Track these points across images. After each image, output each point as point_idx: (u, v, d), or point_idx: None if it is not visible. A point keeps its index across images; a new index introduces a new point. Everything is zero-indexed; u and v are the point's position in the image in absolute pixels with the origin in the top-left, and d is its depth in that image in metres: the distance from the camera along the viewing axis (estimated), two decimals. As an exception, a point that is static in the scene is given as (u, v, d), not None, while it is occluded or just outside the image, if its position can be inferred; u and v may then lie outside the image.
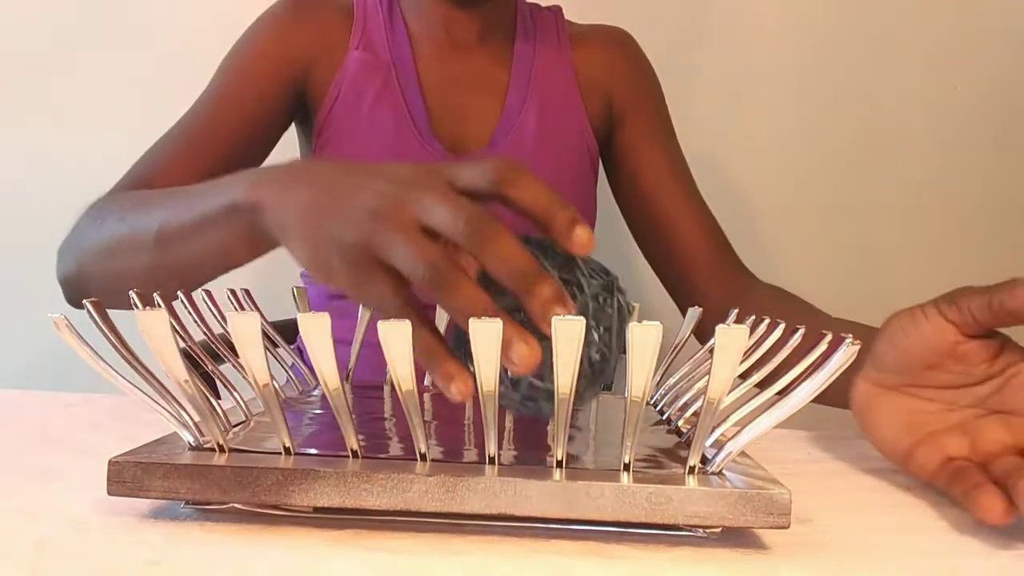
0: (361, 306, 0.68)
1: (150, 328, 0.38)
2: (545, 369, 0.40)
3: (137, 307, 0.46)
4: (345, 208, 0.43)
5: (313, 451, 0.42)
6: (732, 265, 0.91)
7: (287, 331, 0.98)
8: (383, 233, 0.40)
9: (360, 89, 0.85)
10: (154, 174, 0.79)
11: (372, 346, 0.63)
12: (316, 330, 0.38)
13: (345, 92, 0.86)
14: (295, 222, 0.46)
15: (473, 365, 0.37)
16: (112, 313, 0.42)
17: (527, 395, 0.43)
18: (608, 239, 1.03)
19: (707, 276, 0.90)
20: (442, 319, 0.62)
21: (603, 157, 0.95)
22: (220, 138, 0.82)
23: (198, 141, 0.81)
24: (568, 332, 0.36)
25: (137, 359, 0.41)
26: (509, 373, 0.42)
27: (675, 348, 0.62)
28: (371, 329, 0.55)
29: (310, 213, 0.45)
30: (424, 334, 0.39)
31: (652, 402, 0.60)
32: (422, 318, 0.40)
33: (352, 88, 0.85)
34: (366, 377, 0.69)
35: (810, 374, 0.39)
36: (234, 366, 0.51)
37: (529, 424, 0.53)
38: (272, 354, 0.61)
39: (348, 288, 0.43)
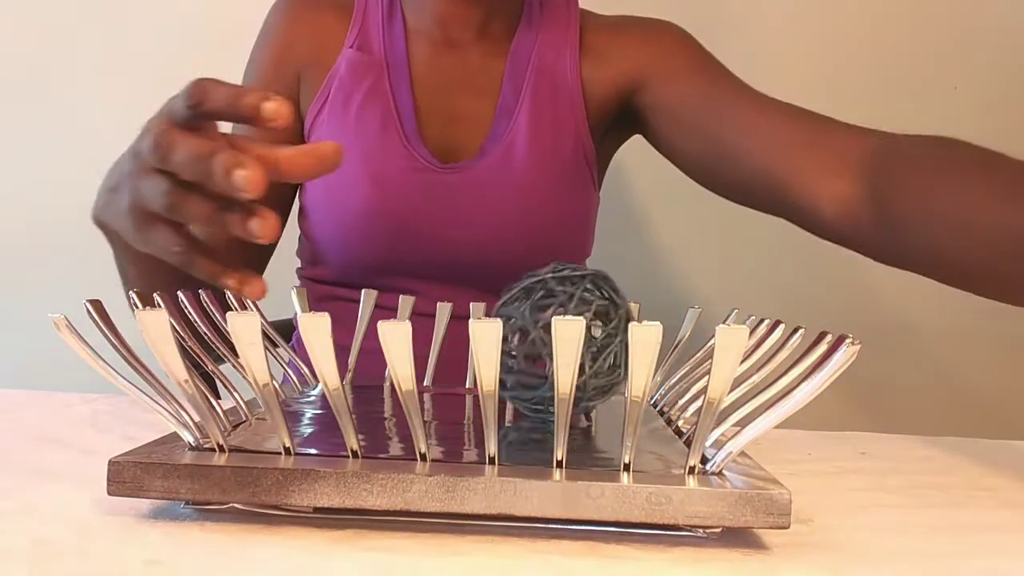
0: (359, 313, 0.68)
1: (150, 328, 0.38)
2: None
3: (137, 307, 0.46)
4: (120, 184, 0.49)
5: (313, 451, 0.42)
6: (842, 139, 0.74)
7: (286, 331, 0.98)
8: (135, 189, 0.47)
9: (349, 90, 0.84)
10: None
11: (369, 352, 0.63)
12: (316, 330, 0.38)
13: (334, 93, 0.85)
14: (110, 219, 0.51)
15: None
16: (112, 313, 0.42)
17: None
18: (610, 238, 1.03)
19: (817, 168, 0.73)
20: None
21: (646, 135, 0.90)
22: None
23: None
24: (568, 332, 0.36)
25: (137, 359, 0.41)
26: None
27: (674, 347, 0.62)
28: (369, 334, 0.55)
29: (110, 203, 0.51)
30: (202, 261, 0.46)
31: (652, 402, 0.60)
32: (205, 254, 0.46)
33: (341, 89, 0.85)
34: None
35: (810, 374, 0.39)
36: (234, 366, 0.51)
37: (529, 424, 0.53)
38: (272, 354, 0.61)
39: (145, 249, 0.48)
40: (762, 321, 0.53)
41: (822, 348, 0.41)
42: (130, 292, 0.48)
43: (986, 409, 1.32)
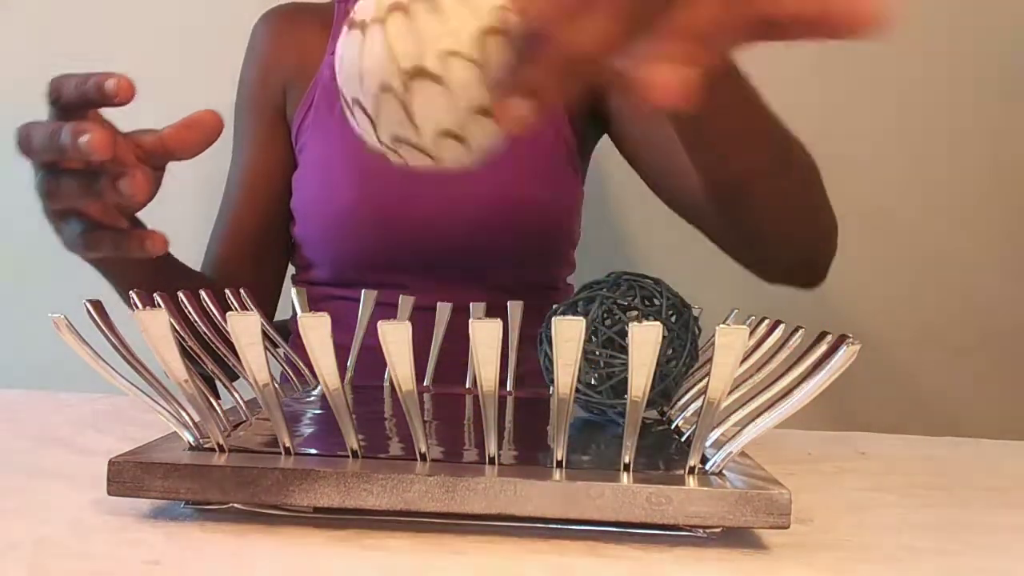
0: (359, 314, 0.68)
1: (150, 328, 0.38)
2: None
3: (137, 307, 0.46)
4: None
5: (313, 451, 0.42)
6: None
7: (286, 332, 0.98)
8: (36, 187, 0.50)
9: (333, 94, 0.87)
10: (223, 223, 0.90)
11: (369, 349, 0.64)
12: (316, 330, 0.38)
13: (318, 98, 0.88)
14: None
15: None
16: (112, 313, 0.42)
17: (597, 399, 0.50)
18: (609, 238, 1.03)
19: None
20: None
21: (616, 143, 0.92)
22: (269, 175, 0.90)
23: (250, 186, 0.90)
24: (568, 332, 0.36)
25: (137, 359, 0.41)
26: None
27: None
28: (369, 333, 0.56)
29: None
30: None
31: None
32: (104, 233, 0.50)
33: (326, 92, 0.87)
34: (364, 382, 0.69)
35: (810, 374, 0.39)
36: (234, 366, 0.51)
37: (529, 424, 0.53)
38: (272, 354, 0.61)
39: (64, 244, 0.53)
40: (762, 321, 0.53)
41: (822, 348, 0.41)
42: (130, 292, 0.48)
43: (985, 409, 1.32)
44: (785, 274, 0.76)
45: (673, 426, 0.52)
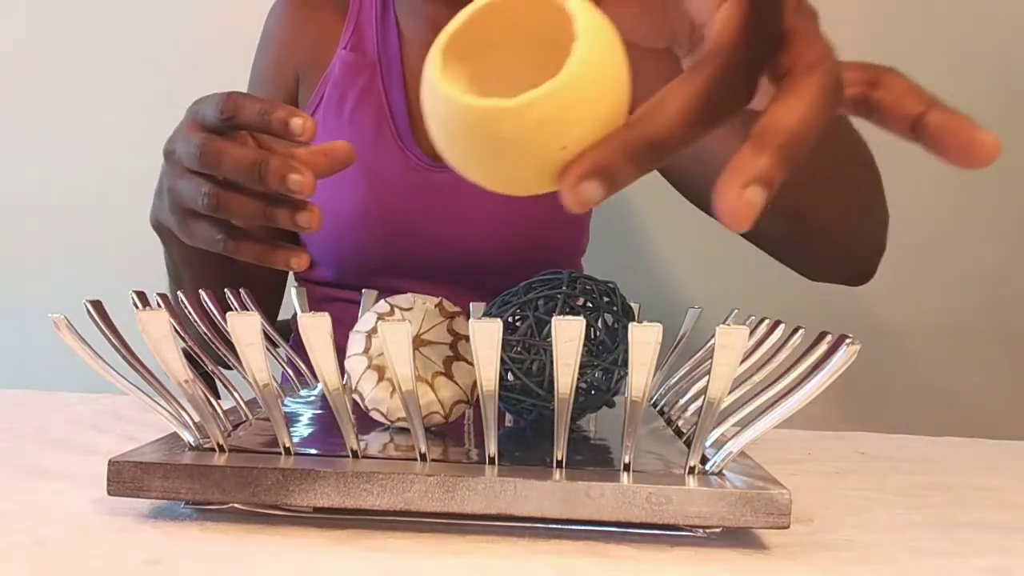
0: (360, 313, 0.68)
1: (150, 328, 0.38)
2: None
3: (137, 307, 0.46)
4: (162, 186, 0.53)
5: (313, 451, 0.42)
6: None
7: (286, 332, 0.98)
8: (172, 189, 0.51)
9: (343, 91, 0.85)
10: None
11: None
12: (316, 330, 0.38)
13: (328, 94, 0.86)
14: (164, 219, 0.55)
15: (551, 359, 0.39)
16: (112, 313, 0.42)
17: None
18: (610, 239, 1.03)
19: None
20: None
21: None
22: None
23: None
24: (568, 332, 0.36)
25: (137, 359, 0.41)
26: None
27: (674, 347, 0.62)
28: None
29: (158, 206, 0.55)
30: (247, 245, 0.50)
31: (652, 402, 0.60)
32: (248, 238, 0.50)
33: (335, 90, 0.86)
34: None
35: (810, 374, 0.39)
36: (234, 366, 0.51)
37: (529, 424, 0.52)
38: (272, 354, 0.61)
39: (192, 243, 0.53)
40: (762, 321, 0.53)
41: (822, 348, 0.41)
42: (130, 293, 0.48)
43: (986, 409, 1.32)
44: (834, 272, 0.73)
45: (673, 426, 0.52)
